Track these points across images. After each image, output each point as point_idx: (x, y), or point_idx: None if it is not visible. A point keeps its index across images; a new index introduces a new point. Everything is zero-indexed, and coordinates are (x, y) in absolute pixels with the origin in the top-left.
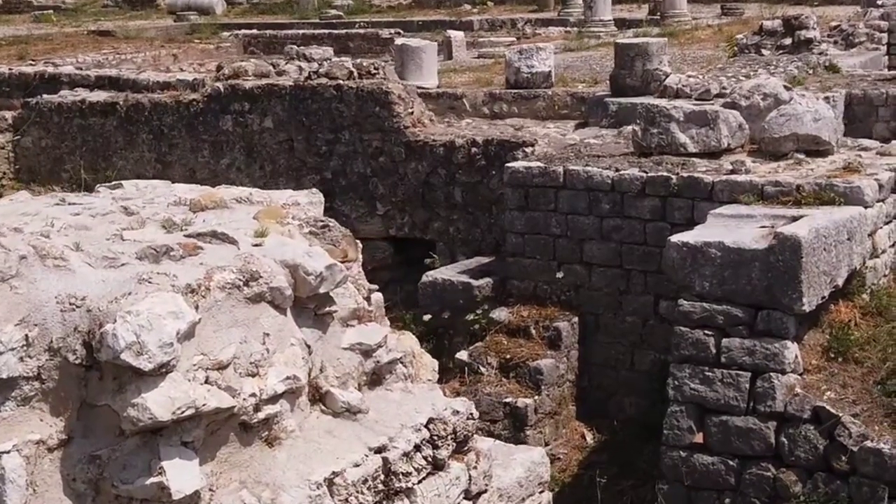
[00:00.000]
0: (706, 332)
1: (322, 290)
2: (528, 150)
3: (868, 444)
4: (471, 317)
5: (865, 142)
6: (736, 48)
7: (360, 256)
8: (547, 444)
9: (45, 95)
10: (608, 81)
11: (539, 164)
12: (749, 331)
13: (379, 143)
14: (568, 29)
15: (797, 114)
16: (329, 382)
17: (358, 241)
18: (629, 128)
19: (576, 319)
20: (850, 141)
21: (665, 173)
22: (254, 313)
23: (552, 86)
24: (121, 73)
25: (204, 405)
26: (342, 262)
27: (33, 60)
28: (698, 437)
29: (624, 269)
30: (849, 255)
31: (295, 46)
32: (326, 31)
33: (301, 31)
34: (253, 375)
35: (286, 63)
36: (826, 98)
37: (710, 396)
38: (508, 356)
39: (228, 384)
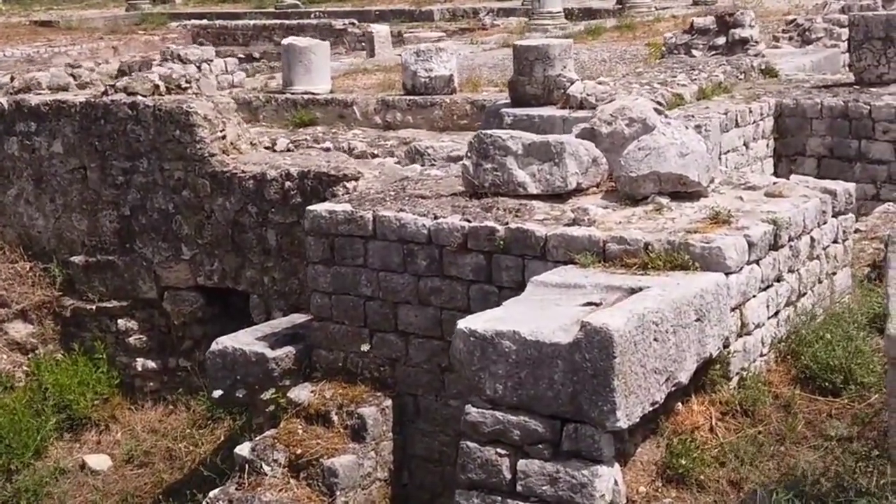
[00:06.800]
0: (499, 450)
1: None
2: (351, 185)
3: None
4: (266, 396)
5: (754, 178)
6: (664, 48)
7: None
8: None
9: None
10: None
11: (346, 207)
12: (552, 451)
13: (182, 173)
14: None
15: (659, 147)
16: None
17: None
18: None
19: (388, 403)
20: (735, 177)
21: (491, 223)
22: None
23: (454, 91)
24: None
25: None
26: None
27: None
28: None
29: (446, 340)
30: (698, 340)
31: (173, 46)
32: (279, 21)
33: (252, 22)
34: None
35: (159, 63)
36: (697, 126)
37: None
38: (300, 451)
39: None
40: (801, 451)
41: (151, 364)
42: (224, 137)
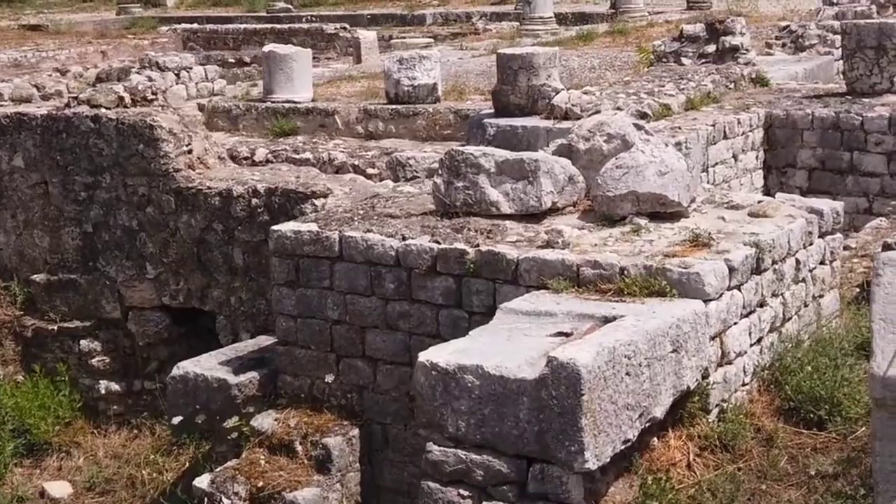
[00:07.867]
0: (462, 491)
1: None
2: (320, 202)
3: None
4: (229, 423)
5: (738, 197)
6: (653, 56)
7: None
8: None
9: None
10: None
11: (312, 227)
12: (518, 493)
13: (145, 189)
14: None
15: (637, 165)
16: None
17: None
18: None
19: (355, 432)
20: (718, 195)
21: (461, 245)
22: None
23: (438, 100)
24: None
25: None
26: None
27: None
28: None
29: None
30: (675, 372)
31: (151, 54)
32: (270, 25)
33: (243, 26)
34: None
35: (138, 71)
36: (678, 144)
37: None
38: (262, 483)
39: None
40: (782, 490)
41: (115, 386)
42: (190, 152)
